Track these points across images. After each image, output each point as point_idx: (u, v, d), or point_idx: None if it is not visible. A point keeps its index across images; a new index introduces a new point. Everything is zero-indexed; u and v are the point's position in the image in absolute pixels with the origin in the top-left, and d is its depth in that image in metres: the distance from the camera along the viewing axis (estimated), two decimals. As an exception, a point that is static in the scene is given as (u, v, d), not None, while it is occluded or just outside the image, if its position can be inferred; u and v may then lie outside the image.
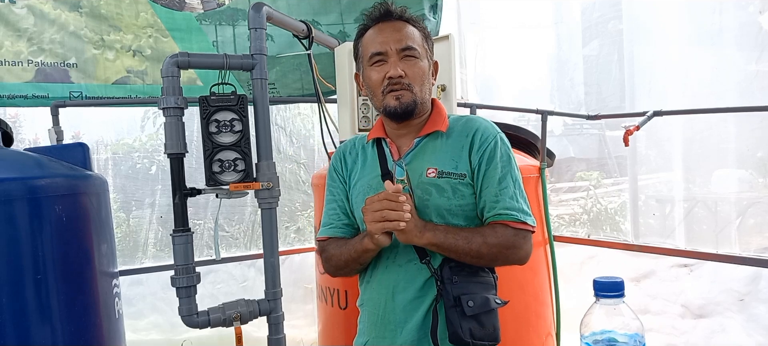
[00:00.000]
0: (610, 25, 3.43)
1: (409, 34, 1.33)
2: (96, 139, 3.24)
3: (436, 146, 1.35)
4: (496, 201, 1.30)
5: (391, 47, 1.31)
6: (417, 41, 1.34)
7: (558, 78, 3.71)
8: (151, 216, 3.32)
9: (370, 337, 1.42)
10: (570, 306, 2.77)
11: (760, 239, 2.89)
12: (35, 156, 1.80)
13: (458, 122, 1.39)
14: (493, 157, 1.31)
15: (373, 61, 1.34)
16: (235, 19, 2.91)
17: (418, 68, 1.33)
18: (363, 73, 1.39)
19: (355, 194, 1.42)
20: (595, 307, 0.90)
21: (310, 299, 3.50)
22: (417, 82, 1.32)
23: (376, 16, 1.36)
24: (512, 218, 1.29)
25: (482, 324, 1.27)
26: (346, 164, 1.47)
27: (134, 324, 3.28)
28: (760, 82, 2.72)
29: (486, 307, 1.27)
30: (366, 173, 1.41)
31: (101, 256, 1.84)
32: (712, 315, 3.26)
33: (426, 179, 1.31)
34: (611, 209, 3.65)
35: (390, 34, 1.32)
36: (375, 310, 1.40)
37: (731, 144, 2.94)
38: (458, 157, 1.33)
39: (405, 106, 1.31)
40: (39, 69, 2.66)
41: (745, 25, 2.75)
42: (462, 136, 1.35)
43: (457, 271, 1.28)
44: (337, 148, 1.54)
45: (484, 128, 1.35)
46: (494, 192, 1.30)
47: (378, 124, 1.44)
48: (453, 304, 1.26)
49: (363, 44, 1.38)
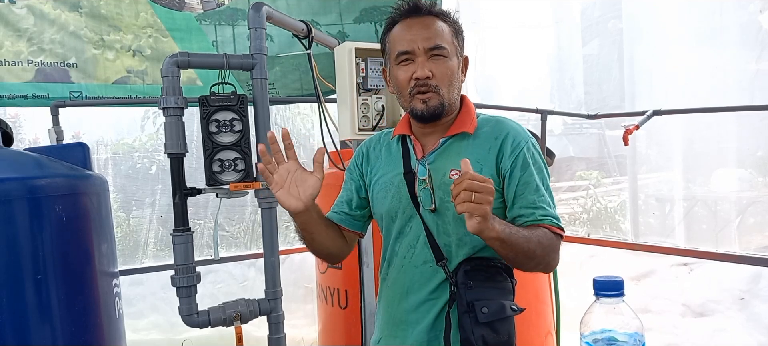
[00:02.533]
0: (610, 24, 3.43)
1: (439, 31, 1.27)
2: (96, 139, 3.25)
3: (461, 147, 1.30)
4: (535, 207, 1.25)
5: (419, 46, 1.26)
6: (446, 39, 1.28)
7: (558, 77, 3.71)
8: (152, 216, 3.32)
9: (383, 335, 1.41)
10: (570, 305, 2.77)
11: (760, 238, 2.89)
12: (35, 156, 1.80)
13: (487, 124, 1.33)
14: (528, 165, 1.26)
15: (399, 60, 1.29)
16: (235, 19, 2.91)
17: (446, 68, 1.27)
18: (390, 70, 1.34)
19: (376, 189, 1.40)
20: (595, 306, 0.90)
21: (310, 299, 3.50)
22: (445, 83, 1.27)
23: (404, 10, 1.30)
24: (553, 224, 1.25)
25: (496, 331, 1.22)
26: (367, 159, 1.45)
27: (134, 324, 3.29)
28: (760, 81, 2.72)
29: (501, 314, 1.22)
30: (389, 170, 1.38)
31: (101, 256, 1.84)
32: (712, 314, 3.26)
33: (448, 181, 1.26)
34: (611, 208, 3.65)
35: (418, 32, 1.27)
36: (389, 308, 1.39)
37: (731, 143, 2.94)
38: (484, 160, 1.28)
39: (432, 110, 1.27)
40: (39, 69, 2.66)
41: (745, 25, 2.75)
42: (490, 139, 1.30)
43: (472, 275, 1.24)
44: (363, 142, 1.50)
45: (516, 133, 1.30)
46: (532, 200, 1.25)
47: (404, 120, 1.39)
48: (466, 309, 1.22)
49: (390, 41, 1.32)
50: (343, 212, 1.44)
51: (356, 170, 1.46)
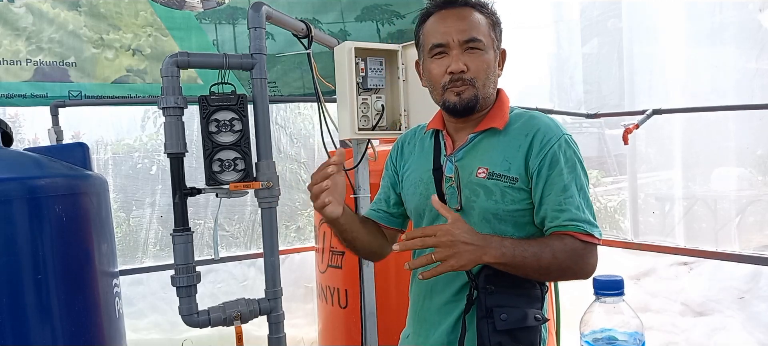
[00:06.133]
0: (609, 23, 3.42)
1: (475, 23, 1.22)
2: (96, 139, 3.24)
3: (490, 144, 1.25)
4: (560, 210, 1.17)
5: (454, 39, 1.20)
6: (482, 31, 1.22)
7: (557, 76, 3.71)
8: (152, 216, 3.32)
9: (411, 331, 1.39)
10: (570, 305, 2.77)
11: (760, 236, 2.89)
12: (35, 156, 1.80)
13: (519, 119, 1.26)
14: (557, 162, 1.18)
15: (433, 53, 1.24)
16: (235, 17, 2.91)
17: (482, 61, 1.22)
18: (423, 64, 1.30)
19: (406, 184, 1.38)
20: (595, 305, 0.90)
21: (310, 298, 3.50)
22: (480, 77, 1.22)
23: (439, 1, 1.25)
24: (579, 229, 1.16)
25: (517, 340, 1.15)
26: (402, 154, 1.43)
27: (135, 324, 3.28)
28: (759, 80, 2.73)
29: (522, 323, 1.15)
30: (420, 165, 1.35)
31: (101, 256, 1.84)
32: (712, 313, 3.26)
33: (475, 179, 1.22)
34: (611, 207, 3.65)
35: (453, 24, 1.21)
36: (416, 305, 1.37)
37: (731, 142, 2.94)
38: (513, 158, 1.21)
39: (465, 103, 1.21)
40: (38, 68, 2.65)
41: (745, 23, 2.75)
42: (520, 135, 1.23)
43: (493, 280, 1.16)
44: (399, 137, 1.48)
45: (547, 128, 1.22)
46: (558, 201, 1.17)
47: (438, 115, 1.35)
48: (485, 315, 1.15)
49: (424, 33, 1.27)
50: (381, 209, 1.43)
51: (391, 166, 1.44)
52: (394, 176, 1.43)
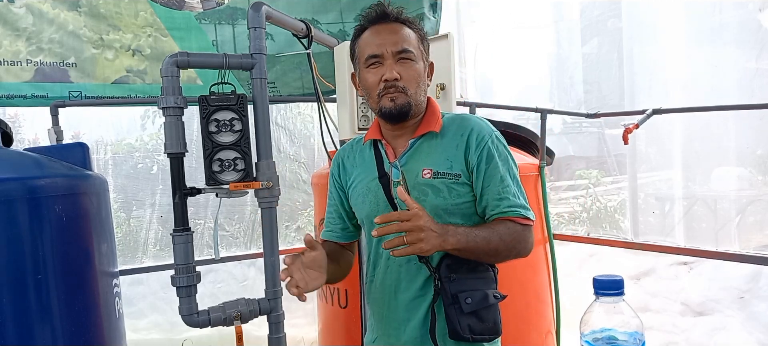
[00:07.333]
0: (609, 23, 3.43)
1: (405, 36, 1.34)
2: (96, 139, 3.25)
3: (430, 147, 1.37)
4: (500, 199, 1.31)
5: (387, 50, 1.32)
6: (413, 43, 1.34)
7: (557, 76, 3.72)
8: (152, 216, 3.32)
9: (378, 334, 1.46)
10: (570, 304, 2.77)
11: (760, 236, 2.90)
12: (35, 156, 1.80)
13: (453, 122, 1.39)
14: (492, 157, 1.33)
15: (369, 63, 1.34)
16: (235, 17, 2.91)
17: (413, 70, 1.33)
18: (359, 74, 1.40)
19: (354, 195, 1.45)
20: (595, 305, 0.90)
21: (310, 298, 3.50)
22: (412, 85, 1.33)
23: (372, 17, 1.37)
24: (518, 214, 1.31)
25: (482, 319, 1.29)
26: (344, 169, 1.51)
27: (135, 324, 3.29)
28: (759, 79, 2.73)
29: (484, 303, 1.29)
30: (365, 175, 1.43)
31: (101, 256, 1.84)
32: (712, 313, 3.26)
33: (422, 180, 1.33)
34: (611, 206, 3.66)
35: (386, 37, 1.33)
36: (380, 308, 1.44)
37: (731, 142, 2.94)
38: (453, 157, 1.34)
39: (400, 108, 1.32)
40: (38, 69, 2.65)
41: (745, 23, 2.76)
42: (457, 136, 1.36)
43: (454, 268, 1.30)
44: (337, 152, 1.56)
45: (479, 127, 1.36)
46: (497, 191, 1.31)
47: (374, 126, 1.45)
48: (451, 301, 1.28)
49: (359, 46, 1.38)
50: (336, 228, 1.53)
51: (336, 183, 1.52)
52: (340, 192, 1.51)
